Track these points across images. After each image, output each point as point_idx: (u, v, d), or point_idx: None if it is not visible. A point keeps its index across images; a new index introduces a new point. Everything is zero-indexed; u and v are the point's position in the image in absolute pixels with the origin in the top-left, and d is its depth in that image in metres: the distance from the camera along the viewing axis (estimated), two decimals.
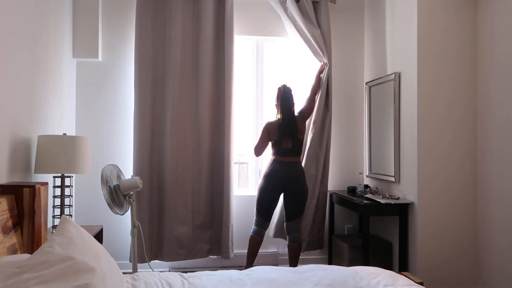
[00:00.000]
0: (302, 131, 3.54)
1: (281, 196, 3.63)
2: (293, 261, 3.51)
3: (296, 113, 3.56)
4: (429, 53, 3.26)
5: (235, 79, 3.84)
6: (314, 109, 3.75)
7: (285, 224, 3.55)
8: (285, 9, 3.92)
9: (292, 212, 3.49)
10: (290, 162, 3.47)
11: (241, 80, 4.11)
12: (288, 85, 3.58)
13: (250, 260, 3.51)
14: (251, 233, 3.55)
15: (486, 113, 3.21)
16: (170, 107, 3.68)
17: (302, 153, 3.78)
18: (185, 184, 3.70)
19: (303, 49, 3.95)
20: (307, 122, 3.77)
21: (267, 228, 3.55)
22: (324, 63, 3.87)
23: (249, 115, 4.15)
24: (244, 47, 4.14)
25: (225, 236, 3.70)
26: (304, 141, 3.83)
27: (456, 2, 3.31)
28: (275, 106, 3.59)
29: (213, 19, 3.78)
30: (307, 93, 3.78)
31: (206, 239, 3.76)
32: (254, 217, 3.56)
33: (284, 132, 3.45)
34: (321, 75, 3.87)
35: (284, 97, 3.51)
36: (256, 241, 3.51)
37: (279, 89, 3.56)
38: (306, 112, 3.65)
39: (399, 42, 3.52)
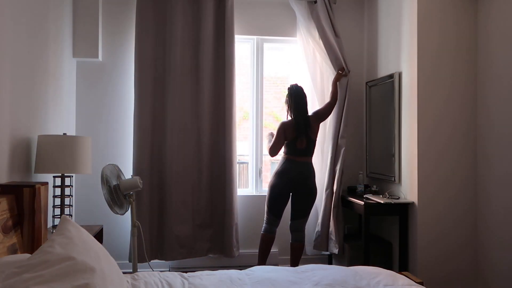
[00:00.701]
0: (315, 131, 3.53)
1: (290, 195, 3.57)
2: (295, 261, 3.51)
3: (310, 113, 3.55)
4: (429, 53, 3.26)
5: (236, 78, 3.83)
6: (329, 115, 3.70)
7: (289, 222, 3.54)
8: (312, 11, 3.84)
9: (299, 212, 3.49)
10: (303, 162, 3.46)
11: (240, 80, 4.10)
12: (299, 84, 3.57)
13: (263, 258, 3.48)
14: (262, 232, 3.52)
15: (486, 113, 3.21)
16: (170, 107, 3.68)
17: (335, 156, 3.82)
18: (185, 183, 3.70)
19: (320, 52, 3.90)
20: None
21: (278, 225, 3.52)
22: (341, 69, 3.80)
23: (248, 115, 4.15)
24: (243, 47, 4.13)
25: (228, 234, 3.70)
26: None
27: (456, 2, 3.31)
28: (286, 106, 3.55)
29: (213, 19, 3.78)
30: (327, 99, 3.76)
31: (206, 238, 3.76)
32: (265, 215, 3.52)
33: (300, 131, 3.42)
34: (337, 82, 3.78)
35: (297, 96, 3.48)
36: (268, 239, 3.48)
37: (290, 88, 3.53)
38: (322, 115, 3.62)
39: (399, 42, 3.52)
